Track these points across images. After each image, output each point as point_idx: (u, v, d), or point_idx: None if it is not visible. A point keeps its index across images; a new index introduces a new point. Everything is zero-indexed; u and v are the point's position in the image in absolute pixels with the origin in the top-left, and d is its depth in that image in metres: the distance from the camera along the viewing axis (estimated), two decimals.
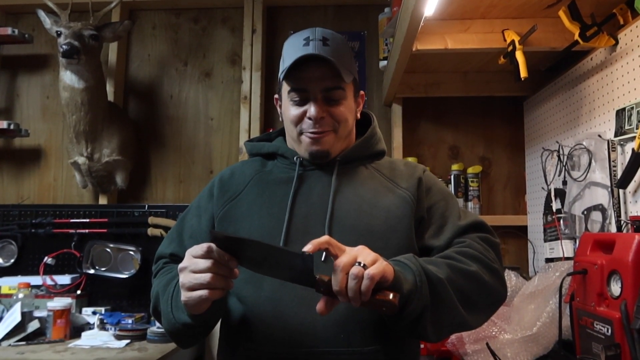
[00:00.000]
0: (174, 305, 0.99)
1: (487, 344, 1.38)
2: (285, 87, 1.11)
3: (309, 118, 1.08)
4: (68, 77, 2.18)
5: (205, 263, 0.87)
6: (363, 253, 0.87)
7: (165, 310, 1.02)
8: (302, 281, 0.88)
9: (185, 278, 0.89)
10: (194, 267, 0.88)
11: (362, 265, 0.84)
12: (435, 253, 1.08)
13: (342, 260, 0.84)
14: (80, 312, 2.13)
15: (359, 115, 1.20)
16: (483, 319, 1.04)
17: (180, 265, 0.91)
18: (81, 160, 2.31)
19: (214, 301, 0.91)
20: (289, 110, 1.11)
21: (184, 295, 0.90)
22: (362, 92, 1.21)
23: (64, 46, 2.09)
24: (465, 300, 0.97)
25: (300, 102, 1.09)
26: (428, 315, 0.92)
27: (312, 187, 1.11)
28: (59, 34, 2.17)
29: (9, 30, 2.39)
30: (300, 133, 1.11)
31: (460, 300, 0.96)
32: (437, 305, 0.93)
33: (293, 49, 1.09)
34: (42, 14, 2.25)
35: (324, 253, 1.01)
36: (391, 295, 0.85)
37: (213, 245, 0.86)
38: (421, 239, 1.10)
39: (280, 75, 1.12)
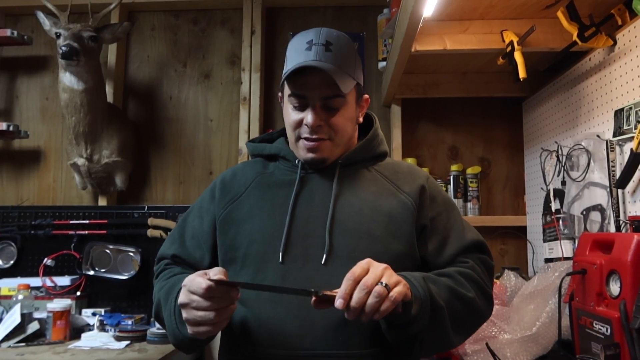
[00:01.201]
0: (178, 321, 0.99)
1: (486, 344, 1.39)
2: (287, 90, 1.10)
3: (306, 125, 1.07)
4: (67, 79, 2.18)
5: (206, 302, 0.88)
6: (387, 273, 0.88)
7: (169, 325, 1.02)
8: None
9: (189, 314, 0.90)
10: (196, 305, 0.88)
11: (384, 285, 0.85)
12: (435, 267, 1.10)
13: (368, 280, 0.85)
14: (80, 313, 2.13)
15: (361, 119, 1.19)
16: (465, 339, 1.10)
17: (181, 300, 0.91)
18: (81, 161, 2.32)
19: None
20: (289, 114, 1.11)
21: (191, 329, 0.92)
22: (366, 97, 1.19)
23: (63, 48, 2.09)
24: (457, 324, 1.02)
25: (300, 108, 1.08)
26: (421, 337, 0.97)
27: (314, 190, 1.11)
28: (58, 36, 2.17)
29: (8, 32, 2.39)
30: (298, 138, 1.10)
31: (453, 325, 1.00)
32: (432, 331, 0.97)
33: (295, 52, 1.08)
34: (41, 15, 2.26)
35: (324, 256, 1.01)
36: None
37: (212, 283, 0.86)
38: (424, 249, 1.11)
39: (283, 77, 1.10)
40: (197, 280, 0.88)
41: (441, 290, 0.99)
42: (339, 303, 0.85)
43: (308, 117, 1.07)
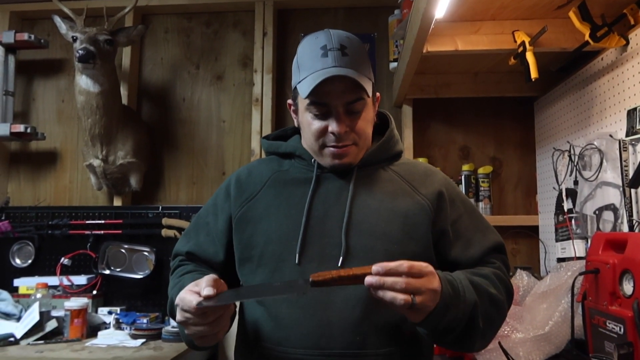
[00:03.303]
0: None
1: (499, 343, 1.39)
2: (305, 99, 1.07)
3: (332, 133, 1.06)
4: (84, 81, 2.22)
5: (200, 319, 0.91)
6: (426, 295, 0.88)
7: (179, 327, 1.04)
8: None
9: (189, 330, 0.94)
10: (192, 322, 0.92)
11: (412, 298, 0.86)
12: (463, 268, 1.10)
13: (411, 282, 0.86)
14: (96, 311, 2.17)
15: (375, 118, 1.18)
16: (486, 345, 1.09)
17: (178, 319, 0.95)
18: (96, 162, 2.35)
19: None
20: (309, 123, 1.09)
21: (197, 342, 0.96)
22: (377, 94, 1.19)
23: (80, 51, 2.13)
24: (487, 328, 1.02)
25: (321, 116, 1.07)
26: (449, 336, 0.97)
27: (330, 189, 1.11)
28: (74, 39, 2.21)
29: (25, 36, 2.44)
30: (322, 146, 1.09)
31: (484, 329, 1.00)
32: (465, 334, 0.97)
33: (310, 58, 1.06)
34: (57, 19, 2.30)
35: (341, 257, 1.02)
36: None
37: (201, 300, 0.88)
38: (447, 254, 1.11)
39: (296, 85, 1.09)
40: (187, 299, 0.90)
41: (481, 298, 1.00)
42: (375, 269, 0.86)
43: (334, 125, 1.05)
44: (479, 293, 1.00)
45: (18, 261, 2.37)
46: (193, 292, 0.91)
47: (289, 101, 1.19)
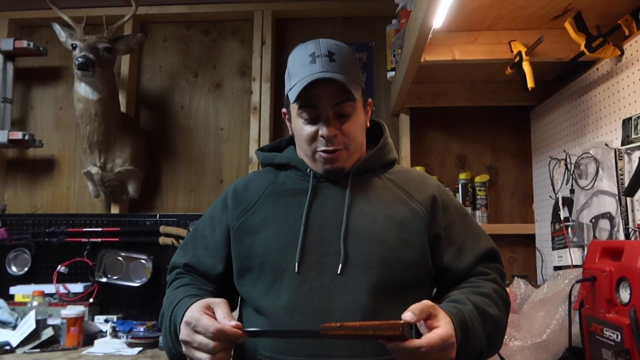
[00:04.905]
0: (174, 340, 1.00)
1: None
2: (296, 105, 1.10)
3: (322, 136, 1.08)
4: (82, 89, 2.23)
5: (213, 343, 0.88)
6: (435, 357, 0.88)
7: (165, 343, 1.04)
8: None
9: (189, 353, 0.91)
10: (199, 346, 0.89)
11: None
12: (455, 275, 1.12)
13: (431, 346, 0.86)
14: (92, 320, 2.16)
15: (368, 124, 1.20)
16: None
17: (183, 338, 0.91)
18: (94, 170, 2.35)
19: None
20: (301, 129, 1.11)
21: None
22: (369, 100, 1.21)
23: (79, 59, 2.13)
24: (490, 351, 1.03)
25: (312, 121, 1.09)
26: None
27: (327, 198, 1.12)
28: (74, 47, 2.21)
29: (24, 43, 2.45)
30: (315, 151, 1.11)
31: (488, 353, 1.02)
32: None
33: (300, 66, 1.09)
34: (57, 27, 2.30)
35: (340, 265, 1.02)
36: None
37: (220, 327, 0.87)
38: (440, 259, 1.12)
39: (288, 92, 1.12)
40: (204, 322, 0.88)
41: (486, 327, 1.01)
42: (391, 348, 0.86)
43: (323, 129, 1.07)
44: (484, 321, 1.00)
45: (14, 269, 2.35)
46: (208, 315, 0.90)
47: (284, 110, 1.21)
